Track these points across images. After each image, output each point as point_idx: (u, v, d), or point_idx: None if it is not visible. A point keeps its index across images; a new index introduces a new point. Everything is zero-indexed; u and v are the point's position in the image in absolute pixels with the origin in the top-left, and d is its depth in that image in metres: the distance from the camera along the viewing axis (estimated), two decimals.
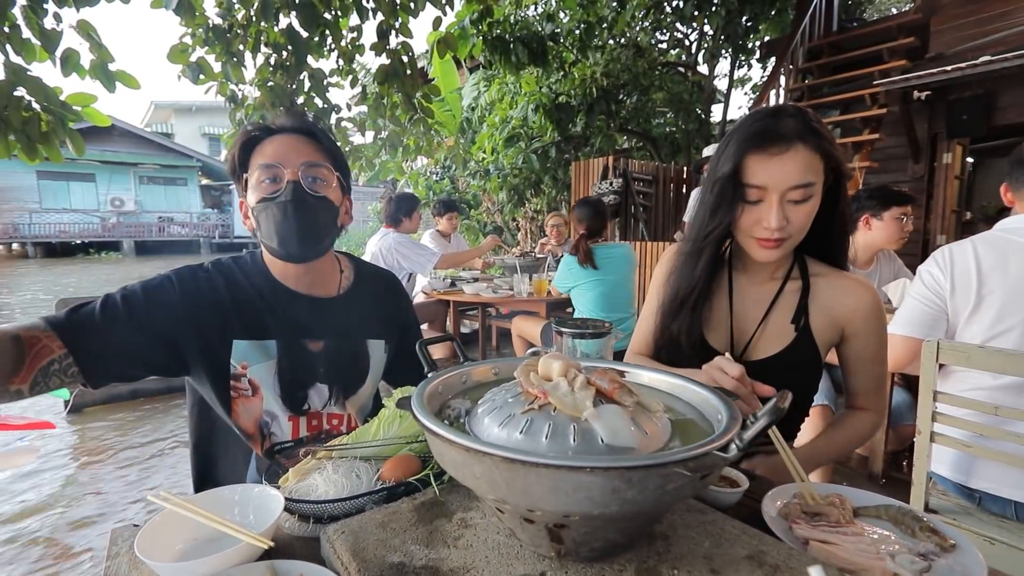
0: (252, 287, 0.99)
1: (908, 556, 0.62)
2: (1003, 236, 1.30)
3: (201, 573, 0.58)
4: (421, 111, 3.65)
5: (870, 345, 1.01)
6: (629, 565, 0.57)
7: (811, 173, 0.88)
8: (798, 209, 0.89)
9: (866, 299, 0.99)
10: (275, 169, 0.93)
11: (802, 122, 0.88)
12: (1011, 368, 1.13)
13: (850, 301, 0.99)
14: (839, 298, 1.00)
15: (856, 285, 1.01)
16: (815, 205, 0.91)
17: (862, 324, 1.00)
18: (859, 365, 1.03)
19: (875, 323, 1.00)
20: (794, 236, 0.92)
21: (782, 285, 1.03)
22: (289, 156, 0.94)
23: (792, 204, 0.89)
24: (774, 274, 1.05)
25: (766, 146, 0.88)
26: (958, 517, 1.32)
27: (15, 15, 2.17)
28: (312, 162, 0.96)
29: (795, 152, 0.87)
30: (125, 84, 2.29)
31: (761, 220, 0.90)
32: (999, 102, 4.85)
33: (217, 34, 3.01)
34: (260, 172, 0.94)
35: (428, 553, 0.59)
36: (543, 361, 0.63)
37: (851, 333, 1.01)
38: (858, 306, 0.99)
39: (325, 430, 1.04)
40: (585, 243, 2.84)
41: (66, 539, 2.08)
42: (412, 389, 0.67)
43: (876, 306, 1.00)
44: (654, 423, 0.58)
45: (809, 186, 0.88)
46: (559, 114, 6.48)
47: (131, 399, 3.56)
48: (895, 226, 2.13)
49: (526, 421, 0.56)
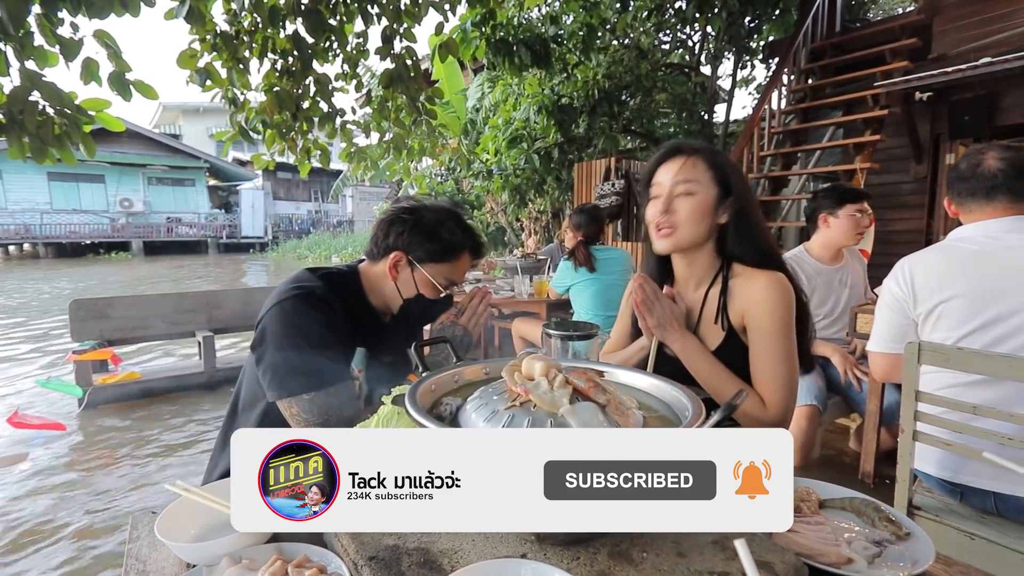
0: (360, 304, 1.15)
1: (863, 543, 0.67)
2: (955, 244, 1.37)
3: (215, 553, 0.64)
4: (425, 113, 3.71)
5: (758, 342, 1.06)
6: (603, 548, 0.63)
7: (695, 173, 1.08)
8: (684, 201, 1.07)
9: (761, 294, 1.06)
10: (454, 286, 1.16)
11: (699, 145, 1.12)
12: (986, 368, 1.18)
13: (748, 294, 1.08)
14: (744, 292, 1.09)
15: (762, 280, 1.07)
16: (701, 201, 1.07)
17: (754, 319, 1.06)
18: (754, 360, 1.07)
19: (767, 321, 1.05)
20: (682, 227, 1.08)
21: (707, 292, 1.15)
22: (461, 277, 1.18)
23: (679, 197, 1.08)
24: (699, 285, 1.17)
25: (667, 159, 1.12)
26: (940, 514, 1.36)
27: (30, 23, 2.25)
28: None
29: (683, 159, 1.09)
30: (142, 94, 2.35)
31: (657, 211, 1.10)
32: (1002, 103, 4.84)
33: (225, 40, 3.09)
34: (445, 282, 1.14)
35: (420, 536, 0.65)
36: (526, 361, 0.68)
37: (748, 326, 1.08)
38: (753, 299, 1.06)
39: None
40: (584, 248, 2.95)
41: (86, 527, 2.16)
42: (407, 387, 0.72)
43: (769, 292, 1.05)
44: (626, 418, 0.63)
45: (691, 182, 1.07)
46: (562, 115, 6.53)
47: (142, 397, 3.65)
48: (851, 222, 2.21)
49: (508, 416, 0.61)
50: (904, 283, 1.39)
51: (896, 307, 1.42)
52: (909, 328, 1.40)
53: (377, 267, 1.14)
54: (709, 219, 1.09)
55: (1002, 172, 1.31)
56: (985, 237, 1.32)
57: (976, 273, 1.29)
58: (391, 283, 1.12)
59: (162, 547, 0.72)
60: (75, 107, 2.35)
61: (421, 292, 1.12)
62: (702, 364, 1.06)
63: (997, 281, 1.27)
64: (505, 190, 7.11)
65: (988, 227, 1.33)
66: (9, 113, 2.25)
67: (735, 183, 1.10)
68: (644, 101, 7.00)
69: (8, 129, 2.27)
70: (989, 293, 1.27)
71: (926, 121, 5.29)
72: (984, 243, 1.32)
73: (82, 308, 3.66)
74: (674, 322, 1.07)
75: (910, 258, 1.42)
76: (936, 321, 1.34)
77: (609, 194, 5.64)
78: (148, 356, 4.87)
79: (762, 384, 1.05)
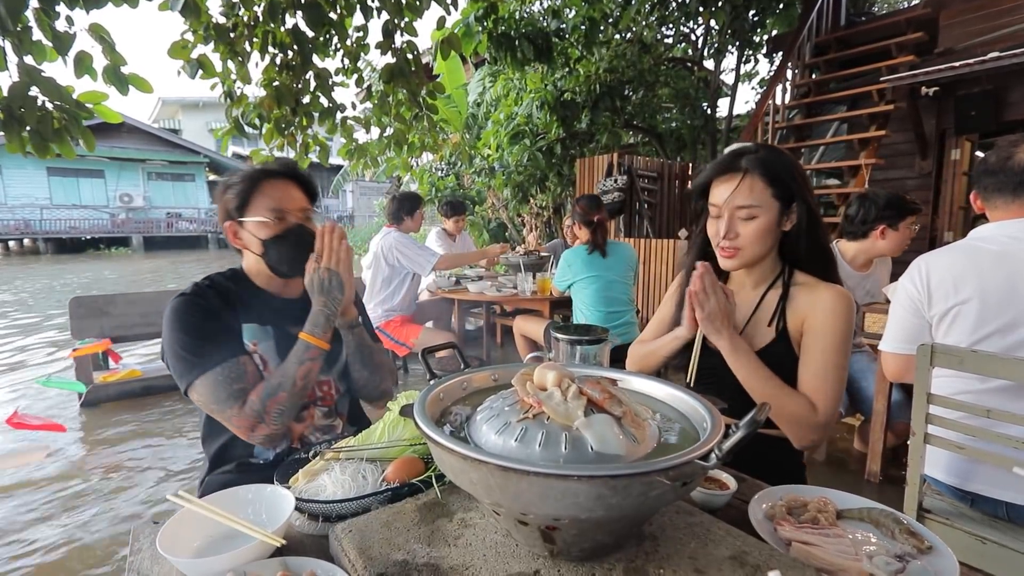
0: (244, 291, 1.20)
1: (885, 557, 0.65)
2: (976, 244, 1.32)
3: (218, 569, 0.62)
4: (426, 108, 3.67)
5: (817, 351, 1.07)
6: (618, 564, 0.61)
7: (753, 196, 1.06)
8: (746, 225, 1.07)
9: (828, 308, 1.07)
10: (281, 212, 1.16)
11: (755, 156, 1.07)
12: (1003, 372, 1.15)
13: (813, 305, 1.09)
14: (808, 302, 1.10)
15: (829, 294, 1.08)
16: (764, 223, 1.07)
17: (817, 330, 1.07)
18: (809, 366, 1.07)
19: (830, 334, 1.06)
20: (746, 249, 1.09)
21: (765, 293, 1.16)
22: (290, 202, 1.17)
23: (742, 221, 1.07)
24: (757, 285, 1.18)
25: (723, 175, 1.10)
26: (951, 517, 1.34)
27: (27, 17, 2.22)
28: (306, 207, 1.20)
29: (739, 179, 1.07)
30: (138, 88, 2.32)
31: (718, 232, 1.10)
32: (1009, 97, 4.80)
33: (219, 32, 3.05)
34: (269, 213, 1.14)
35: (430, 551, 0.63)
36: (538, 371, 0.66)
37: (807, 334, 1.09)
38: (818, 310, 1.08)
39: (318, 396, 1.23)
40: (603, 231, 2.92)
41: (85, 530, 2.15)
42: (415, 395, 0.70)
43: (836, 307, 1.06)
44: (643, 431, 0.61)
45: (751, 207, 1.06)
46: (564, 111, 6.47)
47: (143, 395, 3.65)
48: (907, 235, 2.17)
49: (521, 429, 0.59)
50: (920, 283, 1.36)
51: (911, 307, 1.39)
52: (923, 329, 1.37)
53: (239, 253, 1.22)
54: (774, 235, 1.10)
55: None
56: (1008, 238, 1.27)
57: (995, 275, 1.25)
58: (247, 255, 1.20)
59: (164, 561, 0.70)
60: (74, 102, 2.33)
61: (264, 240, 1.15)
62: (746, 364, 1.06)
63: (1018, 284, 1.23)
64: (507, 186, 7.07)
65: (1011, 227, 1.28)
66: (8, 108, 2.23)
67: (797, 188, 1.08)
68: (647, 96, 6.94)
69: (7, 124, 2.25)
70: (1008, 296, 1.23)
71: (931, 116, 5.25)
72: (1006, 244, 1.27)
73: (82, 305, 3.64)
74: (725, 319, 1.05)
75: (927, 257, 1.38)
76: (951, 323, 1.31)
77: (611, 190, 5.60)
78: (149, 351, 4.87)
79: (814, 389, 1.06)
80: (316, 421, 1.21)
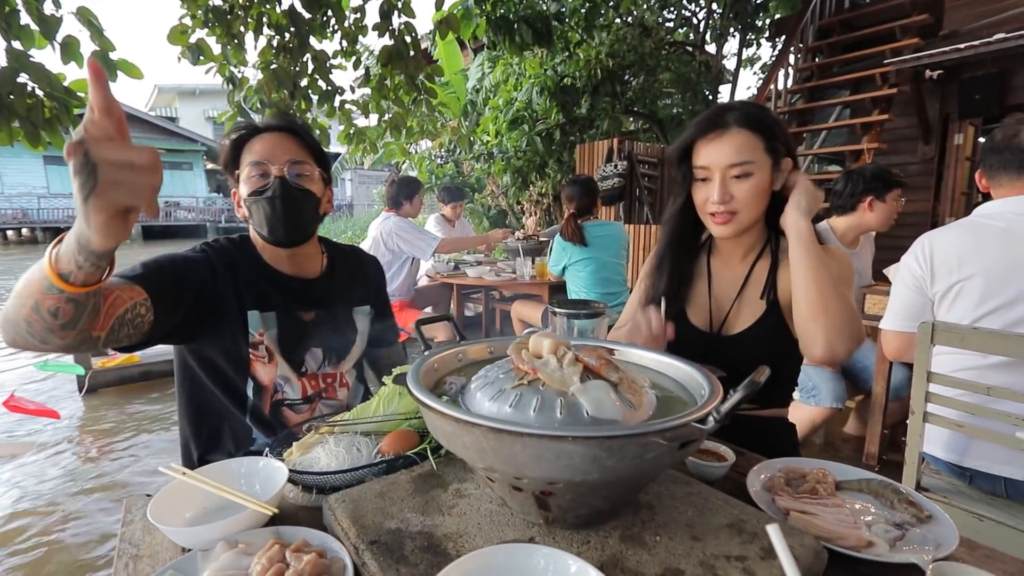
0: (251, 267, 1.10)
1: (884, 525, 0.64)
2: (981, 221, 1.31)
3: (210, 537, 0.62)
4: (424, 92, 3.63)
5: None
6: (614, 531, 0.60)
7: (748, 152, 0.98)
8: (740, 186, 0.99)
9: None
10: (263, 166, 1.04)
11: (741, 111, 1.00)
12: (1003, 348, 1.14)
13: None
14: None
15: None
16: (759, 181, 0.99)
17: None
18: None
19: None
20: (741, 212, 1.01)
21: (753, 264, 1.11)
22: (275, 154, 1.04)
23: (735, 180, 0.99)
24: (745, 256, 1.12)
25: (708, 133, 1.01)
26: (949, 495, 1.34)
27: (15, 0, 2.17)
28: (296, 159, 1.06)
29: (732, 135, 0.99)
30: (128, 74, 2.27)
31: (709, 196, 1.02)
32: (1014, 81, 4.73)
33: (217, 15, 3.00)
34: (250, 168, 1.04)
35: (424, 520, 0.63)
36: (534, 339, 0.65)
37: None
38: None
39: (322, 388, 1.16)
40: (575, 222, 2.89)
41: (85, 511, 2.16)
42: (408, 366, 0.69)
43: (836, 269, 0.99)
44: (639, 397, 0.60)
45: (747, 163, 0.98)
46: (564, 96, 6.40)
47: (143, 380, 3.65)
48: (894, 208, 2.16)
49: (516, 395, 0.58)
50: (923, 260, 1.34)
51: (913, 285, 1.38)
52: (925, 307, 1.36)
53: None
54: (768, 194, 1.02)
55: None
56: (1013, 214, 1.26)
57: (999, 251, 1.24)
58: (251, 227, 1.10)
59: (156, 531, 0.70)
60: (64, 89, 2.28)
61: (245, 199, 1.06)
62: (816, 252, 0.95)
63: (1021, 260, 1.21)
64: (507, 172, 7.02)
65: (1017, 204, 1.27)
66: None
67: (781, 138, 1.01)
68: (647, 81, 6.86)
69: None
70: (1012, 272, 1.22)
71: (935, 100, 5.19)
72: (1011, 221, 1.25)
73: None
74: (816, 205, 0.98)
75: (931, 234, 1.37)
76: (954, 300, 1.30)
77: (611, 176, 5.56)
78: None
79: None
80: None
